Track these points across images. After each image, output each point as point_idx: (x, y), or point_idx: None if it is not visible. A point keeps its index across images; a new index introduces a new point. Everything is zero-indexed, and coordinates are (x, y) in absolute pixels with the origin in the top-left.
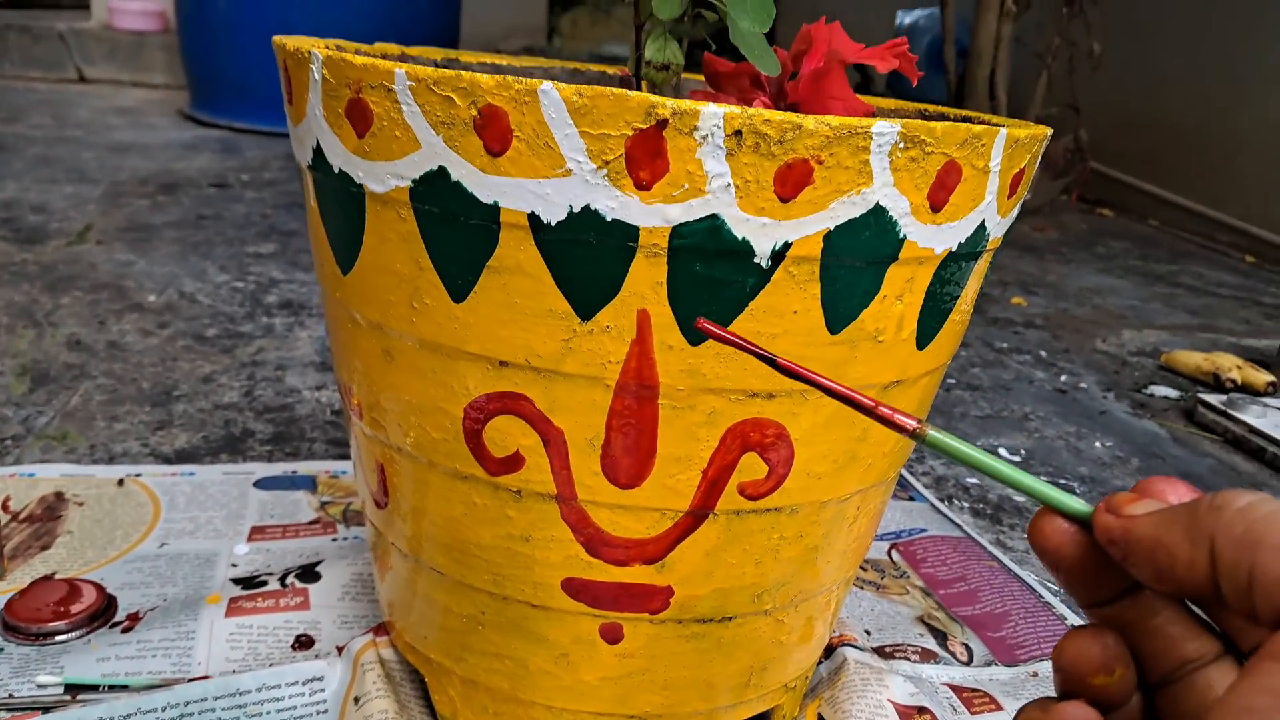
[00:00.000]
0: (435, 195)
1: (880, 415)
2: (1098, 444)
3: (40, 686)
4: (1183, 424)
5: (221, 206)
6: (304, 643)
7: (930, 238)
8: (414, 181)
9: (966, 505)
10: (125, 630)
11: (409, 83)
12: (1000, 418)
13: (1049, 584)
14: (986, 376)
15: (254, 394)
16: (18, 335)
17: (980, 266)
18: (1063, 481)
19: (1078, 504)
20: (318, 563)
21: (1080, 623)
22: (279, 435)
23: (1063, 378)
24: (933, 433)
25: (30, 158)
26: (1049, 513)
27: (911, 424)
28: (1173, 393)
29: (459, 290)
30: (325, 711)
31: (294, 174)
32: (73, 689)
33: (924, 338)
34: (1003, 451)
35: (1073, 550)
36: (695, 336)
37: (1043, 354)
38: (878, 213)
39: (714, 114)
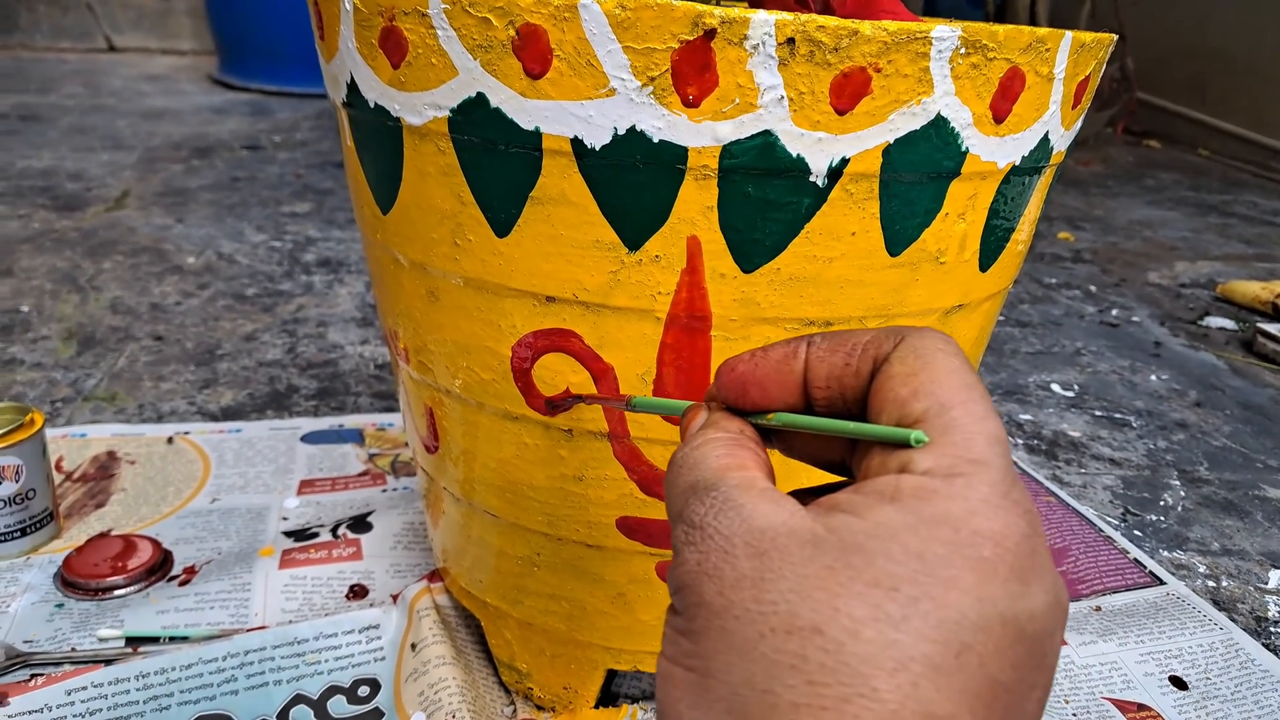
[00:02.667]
0: (474, 124)
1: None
2: (1153, 377)
3: (102, 640)
4: (1241, 355)
5: (255, 168)
6: (358, 592)
7: (993, 150)
8: (452, 111)
9: (1020, 442)
10: (182, 584)
11: (444, 5)
12: (1051, 353)
13: (1108, 518)
14: (1036, 312)
15: (297, 351)
16: (62, 300)
17: (1043, 183)
18: (1118, 416)
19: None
20: (368, 513)
21: (1136, 553)
22: (324, 390)
23: (1114, 311)
24: (639, 400)
25: (65, 127)
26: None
27: (625, 399)
28: (1230, 324)
29: (502, 224)
30: (383, 659)
31: (325, 134)
32: (134, 641)
33: (987, 259)
34: (1055, 387)
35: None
36: (748, 263)
37: (1092, 288)
38: (939, 124)
39: (764, 21)
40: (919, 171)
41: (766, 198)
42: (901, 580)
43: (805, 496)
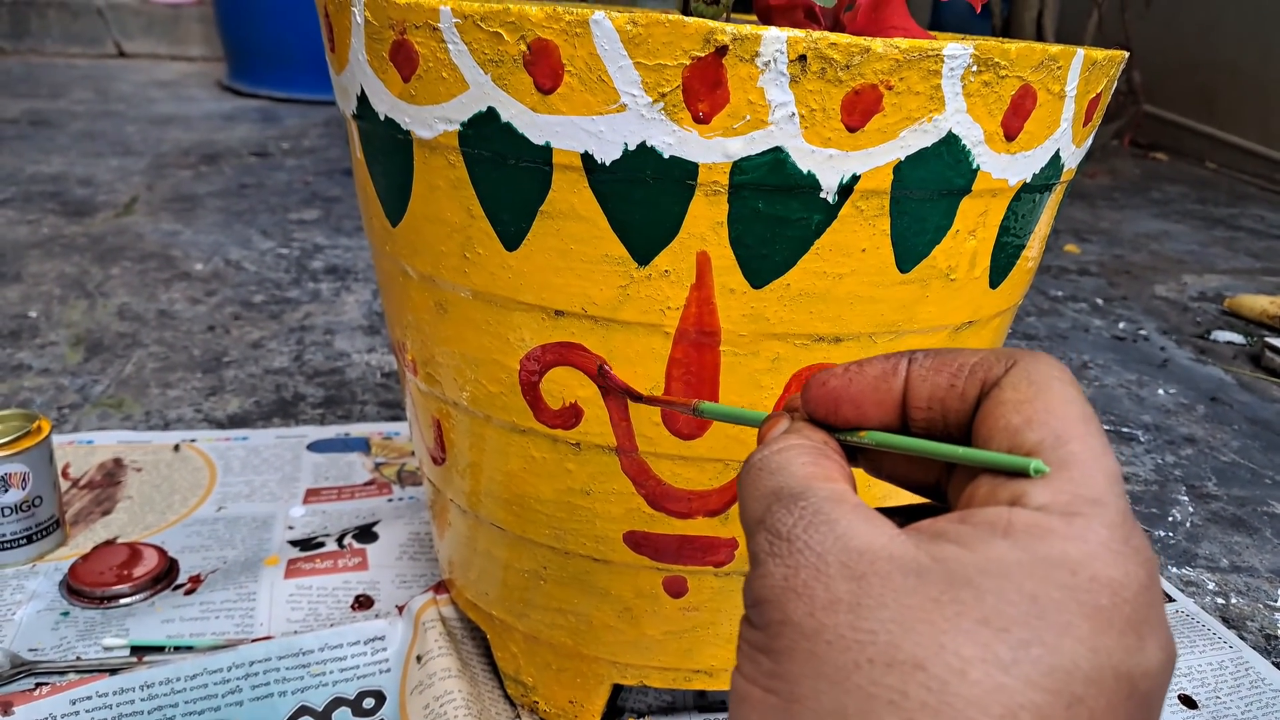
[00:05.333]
0: (485, 138)
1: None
2: (1160, 391)
3: (106, 649)
4: (1249, 369)
5: (263, 175)
6: (363, 603)
7: (1004, 168)
8: (463, 125)
9: None
10: (188, 593)
11: (455, 20)
12: None
13: None
14: (1042, 325)
15: (304, 358)
16: (70, 306)
17: (1053, 200)
18: (1126, 430)
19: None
20: (374, 523)
21: None
22: (330, 399)
23: (1121, 325)
24: (705, 405)
25: (75, 132)
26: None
27: (691, 404)
28: (1238, 338)
29: (511, 238)
30: (388, 670)
31: (333, 141)
32: (138, 650)
33: (997, 275)
34: None
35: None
36: (758, 279)
37: (1099, 301)
38: (950, 141)
39: (776, 38)
40: (930, 189)
41: (777, 214)
42: (1013, 621)
43: (890, 516)
